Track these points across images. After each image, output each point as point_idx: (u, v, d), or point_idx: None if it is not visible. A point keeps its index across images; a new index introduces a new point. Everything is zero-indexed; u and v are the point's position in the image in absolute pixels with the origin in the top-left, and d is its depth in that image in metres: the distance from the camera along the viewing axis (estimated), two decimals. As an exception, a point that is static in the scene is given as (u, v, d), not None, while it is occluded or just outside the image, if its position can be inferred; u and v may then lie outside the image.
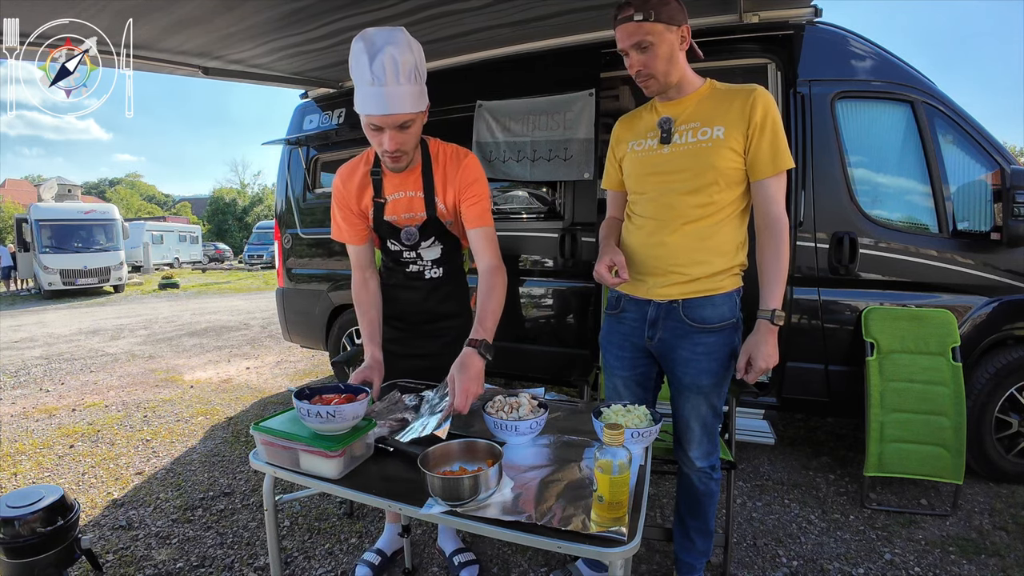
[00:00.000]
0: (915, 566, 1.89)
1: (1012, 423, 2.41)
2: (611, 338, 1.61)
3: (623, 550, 0.85)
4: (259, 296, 11.34)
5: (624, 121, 1.58)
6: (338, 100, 3.64)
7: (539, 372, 3.10)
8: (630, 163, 1.50)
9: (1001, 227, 2.26)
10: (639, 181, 1.47)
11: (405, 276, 1.60)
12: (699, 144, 1.36)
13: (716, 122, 1.36)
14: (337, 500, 2.34)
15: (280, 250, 3.95)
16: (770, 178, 1.34)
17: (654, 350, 1.52)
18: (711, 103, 1.39)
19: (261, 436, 1.15)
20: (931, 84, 2.48)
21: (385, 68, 1.23)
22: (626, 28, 1.32)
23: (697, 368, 1.44)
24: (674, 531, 1.72)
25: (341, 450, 1.07)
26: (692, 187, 1.37)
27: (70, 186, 14.48)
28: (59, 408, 3.76)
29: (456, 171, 1.48)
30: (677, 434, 1.58)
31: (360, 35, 1.26)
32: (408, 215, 1.51)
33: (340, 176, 1.53)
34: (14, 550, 1.45)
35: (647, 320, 1.48)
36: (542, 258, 3.01)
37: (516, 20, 2.55)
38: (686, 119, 1.40)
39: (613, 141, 1.59)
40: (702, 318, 1.42)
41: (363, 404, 1.14)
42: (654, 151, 1.43)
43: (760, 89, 1.35)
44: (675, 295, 1.43)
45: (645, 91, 1.43)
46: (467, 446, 1.09)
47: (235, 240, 37.05)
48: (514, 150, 2.95)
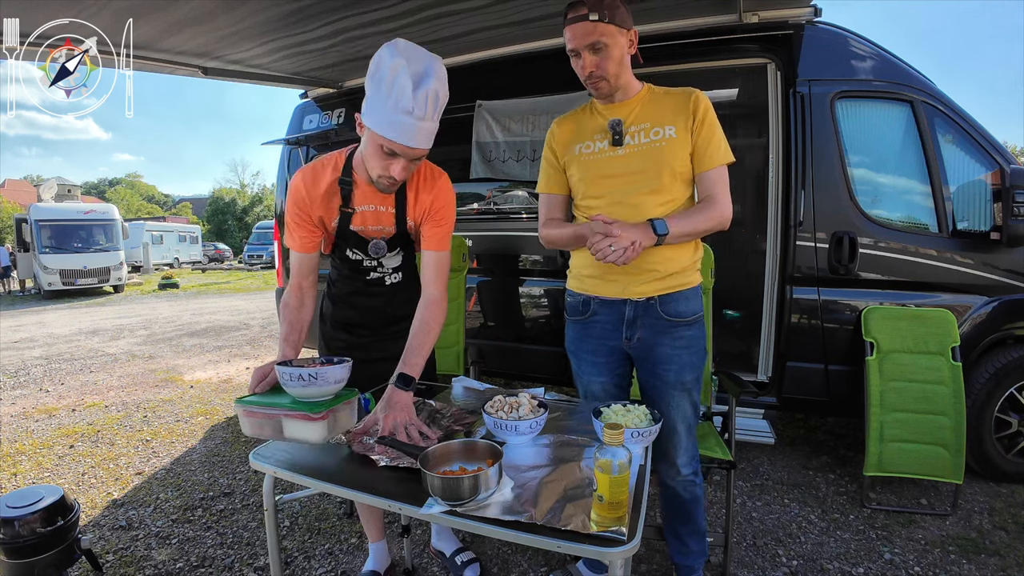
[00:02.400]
0: (915, 566, 1.90)
1: (1012, 423, 2.41)
2: (582, 344, 1.57)
3: (623, 550, 0.85)
4: (259, 296, 11.34)
5: (564, 124, 1.54)
6: (338, 100, 3.63)
7: (539, 372, 3.10)
8: (580, 167, 1.47)
9: (1001, 227, 2.26)
10: (593, 184, 1.45)
11: (364, 283, 1.55)
12: (653, 144, 1.38)
13: (666, 121, 1.38)
14: (337, 500, 2.34)
15: (280, 250, 3.94)
16: (712, 170, 1.39)
17: (632, 351, 1.50)
18: (655, 104, 1.41)
19: (243, 408, 1.14)
20: (931, 84, 2.48)
21: (427, 102, 1.19)
22: (582, 27, 1.31)
23: (679, 363, 1.44)
24: (666, 536, 1.70)
25: (324, 412, 1.06)
26: (654, 186, 1.38)
27: (70, 186, 14.47)
28: (59, 408, 3.76)
29: (430, 191, 1.46)
30: (658, 444, 1.52)
31: (398, 50, 1.19)
32: (377, 227, 1.47)
33: (303, 180, 1.41)
34: (14, 550, 1.45)
35: (624, 320, 1.46)
36: (542, 258, 3.01)
37: (516, 20, 2.55)
38: (635, 120, 1.41)
39: (555, 143, 1.54)
40: (678, 312, 1.43)
41: (345, 368, 1.14)
42: (605, 153, 1.43)
43: (698, 91, 1.41)
44: (651, 292, 1.43)
45: (594, 93, 1.42)
46: (467, 446, 1.09)
47: (235, 240, 37.05)
48: (514, 150, 2.94)
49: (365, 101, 1.26)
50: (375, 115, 1.23)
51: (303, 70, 3.30)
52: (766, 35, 2.50)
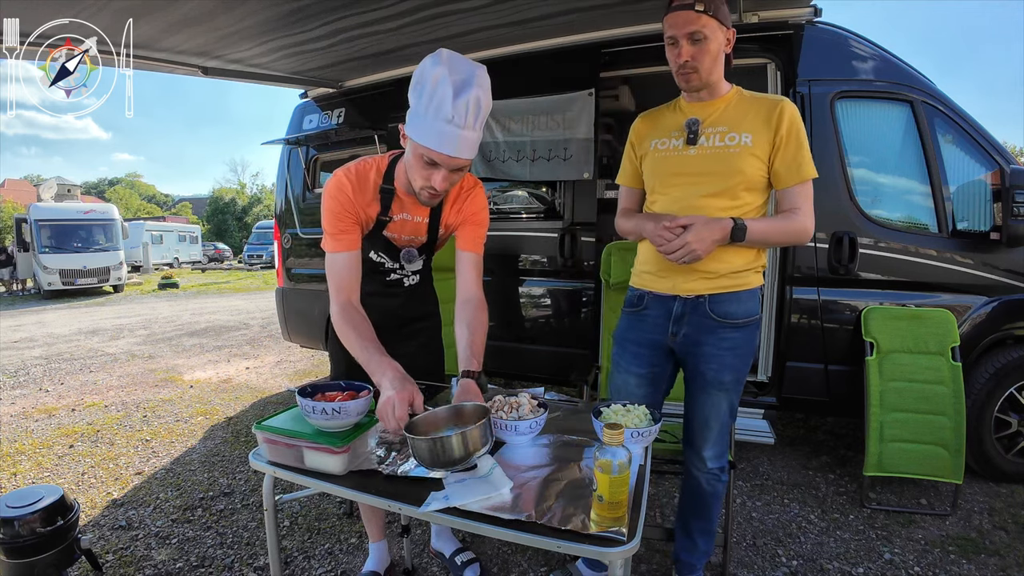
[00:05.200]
0: (915, 566, 1.90)
1: (1011, 423, 2.41)
2: (628, 335, 1.59)
3: (623, 550, 0.85)
4: (259, 296, 11.33)
5: (646, 118, 1.56)
6: (338, 100, 3.63)
7: (539, 372, 3.10)
8: (652, 161, 1.48)
9: (1000, 227, 2.26)
10: (662, 180, 1.46)
11: (383, 284, 1.54)
12: (726, 148, 1.37)
13: (744, 128, 1.37)
14: (337, 500, 2.34)
15: (280, 250, 3.95)
16: (795, 186, 1.37)
17: (677, 347, 1.51)
18: (738, 109, 1.40)
19: (264, 435, 1.15)
20: (931, 84, 2.48)
21: (469, 110, 1.15)
22: (685, 16, 1.31)
23: (720, 363, 1.44)
24: (676, 532, 1.71)
25: (346, 446, 1.07)
26: (718, 190, 1.37)
27: (69, 186, 14.46)
28: (59, 408, 3.75)
29: (464, 200, 1.46)
30: (690, 434, 1.57)
31: (442, 59, 1.16)
32: (409, 237, 1.47)
33: (350, 184, 1.35)
34: (14, 550, 1.45)
35: (672, 316, 1.47)
36: (542, 258, 3.01)
37: (516, 20, 2.55)
38: (713, 122, 1.40)
39: (634, 137, 1.57)
40: (727, 313, 1.42)
41: (366, 401, 1.15)
42: (679, 151, 1.43)
43: (786, 100, 1.38)
44: (701, 290, 1.43)
45: (684, 84, 1.41)
46: (455, 411, 1.10)
47: (235, 240, 37.04)
48: (514, 150, 2.95)
49: (408, 112, 1.23)
50: (416, 125, 1.20)
51: (303, 70, 3.30)
52: (766, 35, 2.50)
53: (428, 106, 1.16)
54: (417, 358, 1.50)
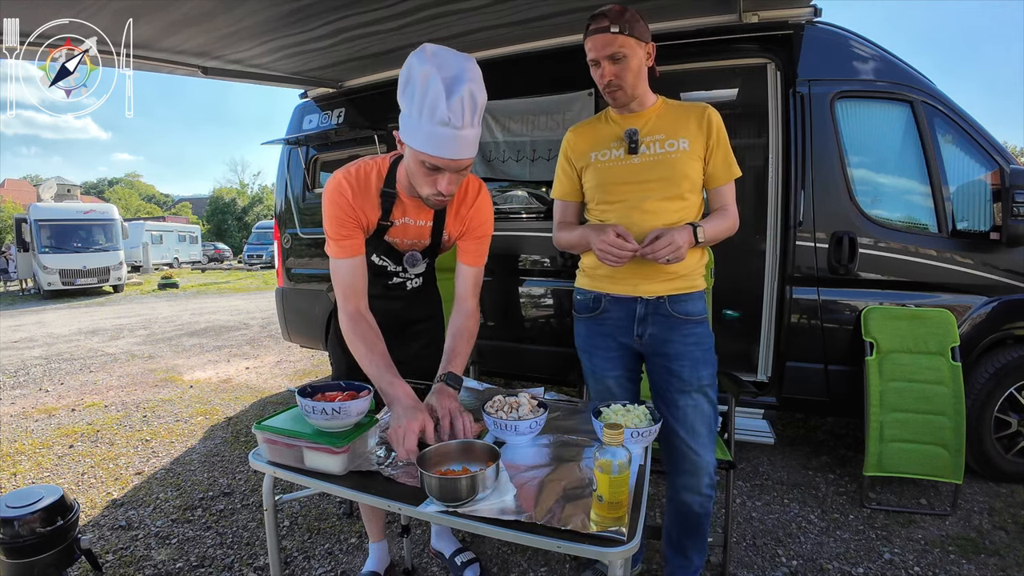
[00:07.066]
0: (914, 566, 1.90)
1: (1011, 423, 2.41)
2: (594, 341, 1.58)
3: (623, 550, 0.85)
4: (258, 296, 11.33)
5: (580, 132, 1.59)
6: (337, 100, 3.63)
7: (539, 372, 3.10)
8: (596, 173, 1.51)
9: (1000, 227, 2.26)
10: (608, 190, 1.49)
11: (385, 287, 1.52)
12: (668, 155, 1.44)
13: (680, 135, 1.44)
14: (337, 500, 2.34)
15: (279, 250, 3.94)
16: (724, 185, 1.50)
17: (643, 348, 1.52)
18: (669, 117, 1.47)
19: (264, 435, 1.15)
20: (930, 84, 2.48)
21: (464, 108, 1.08)
22: (603, 39, 1.37)
23: (693, 359, 1.46)
24: (666, 554, 1.67)
25: (346, 446, 1.07)
26: (670, 194, 1.44)
27: (69, 186, 14.46)
28: (58, 408, 3.76)
29: (470, 206, 1.43)
30: (678, 456, 1.51)
31: (427, 55, 1.09)
32: (412, 241, 1.44)
33: (351, 187, 1.30)
34: (14, 550, 1.45)
35: (635, 317, 1.50)
36: (541, 258, 3.01)
37: (516, 20, 2.55)
38: (650, 131, 1.47)
39: (570, 151, 1.58)
40: (687, 311, 1.48)
41: (367, 401, 1.14)
42: (622, 161, 1.48)
43: (710, 107, 1.48)
44: (662, 291, 1.47)
45: (612, 101, 1.48)
46: (465, 447, 1.09)
47: (235, 240, 37.04)
48: (513, 150, 2.95)
49: (400, 117, 1.16)
50: (411, 130, 1.13)
51: (303, 70, 3.30)
52: (766, 35, 2.50)
53: (421, 110, 1.10)
54: (419, 360, 1.50)
